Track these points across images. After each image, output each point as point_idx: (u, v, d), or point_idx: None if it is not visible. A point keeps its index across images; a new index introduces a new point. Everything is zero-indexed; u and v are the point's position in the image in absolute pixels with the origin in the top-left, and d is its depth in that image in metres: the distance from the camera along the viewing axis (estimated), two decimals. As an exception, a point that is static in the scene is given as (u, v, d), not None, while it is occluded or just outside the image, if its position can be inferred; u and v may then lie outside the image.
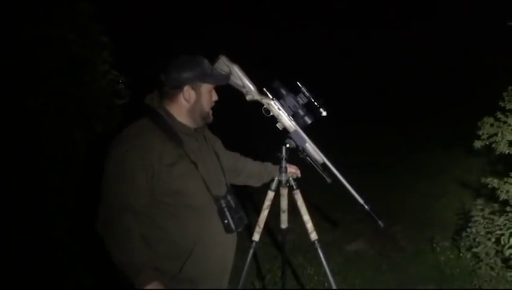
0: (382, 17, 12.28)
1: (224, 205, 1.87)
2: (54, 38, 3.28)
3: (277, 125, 2.15)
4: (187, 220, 1.81)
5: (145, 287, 1.66)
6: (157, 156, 1.73)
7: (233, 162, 2.23)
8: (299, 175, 2.35)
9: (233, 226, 1.89)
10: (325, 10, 12.87)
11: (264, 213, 2.27)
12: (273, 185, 2.26)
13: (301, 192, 2.28)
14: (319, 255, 2.25)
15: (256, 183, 2.36)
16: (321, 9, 12.87)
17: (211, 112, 1.93)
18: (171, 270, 1.80)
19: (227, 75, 2.01)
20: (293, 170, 2.32)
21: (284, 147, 2.20)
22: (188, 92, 1.83)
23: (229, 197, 1.91)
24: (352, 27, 12.58)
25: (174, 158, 1.77)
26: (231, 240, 1.95)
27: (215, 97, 1.93)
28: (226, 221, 1.87)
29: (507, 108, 2.86)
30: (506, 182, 2.87)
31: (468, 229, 3.33)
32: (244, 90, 2.10)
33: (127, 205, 1.71)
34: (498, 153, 2.90)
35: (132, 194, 1.72)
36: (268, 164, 2.35)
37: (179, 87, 1.82)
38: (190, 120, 1.88)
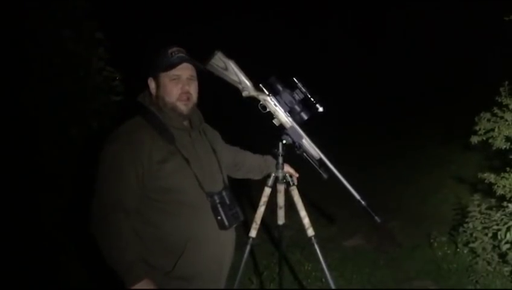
0: (379, 15, 12.28)
1: (217, 201, 1.85)
2: (48, 34, 3.25)
3: (273, 121, 2.13)
4: (180, 216, 1.80)
5: (135, 286, 1.65)
6: (147, 154, 1.73)
7: (233, 156, 2.22)
8: (297, 176, 2.32)
9: (226, 222, 1.85)
10: (323, 11, 12.86)
11: (261, 209, 2.25)
12: (270, 182, 2.24)
13: (298, 188, 2.27)
14: (316, 251, 2.24)
15: (256, 176, 2.35)
16: (320, 10, 12.85)
17: (181, 103, 1.83)
18: (164, 267, 1.79)
19: (178, 58, 1.83)
20: (291, 171, 2.29)
21: (280, 143, 2.18)
22: (151, 84, 1.88)
23: (223, 193, 1.89)
24: (349, 26, 12.58)
25: (165, 155, 1.76)
26: (228, 237, 1.92)
27: (183, 87, 1.83)
28: (219, 217, 1.85)
29: (504, 103, 2.86)
30: (503, 177, 2.88)
31: (465, 225, 3.34)
32: (240, 86, 2.08)
33: (118, 203, 1.70)
34: (495, 148, 2.90)
35: (123, 192, 1.72)
36: (269, 157, 2.32)
37: (146, 80, 1.88)
38: (168, 112, 1.84)
